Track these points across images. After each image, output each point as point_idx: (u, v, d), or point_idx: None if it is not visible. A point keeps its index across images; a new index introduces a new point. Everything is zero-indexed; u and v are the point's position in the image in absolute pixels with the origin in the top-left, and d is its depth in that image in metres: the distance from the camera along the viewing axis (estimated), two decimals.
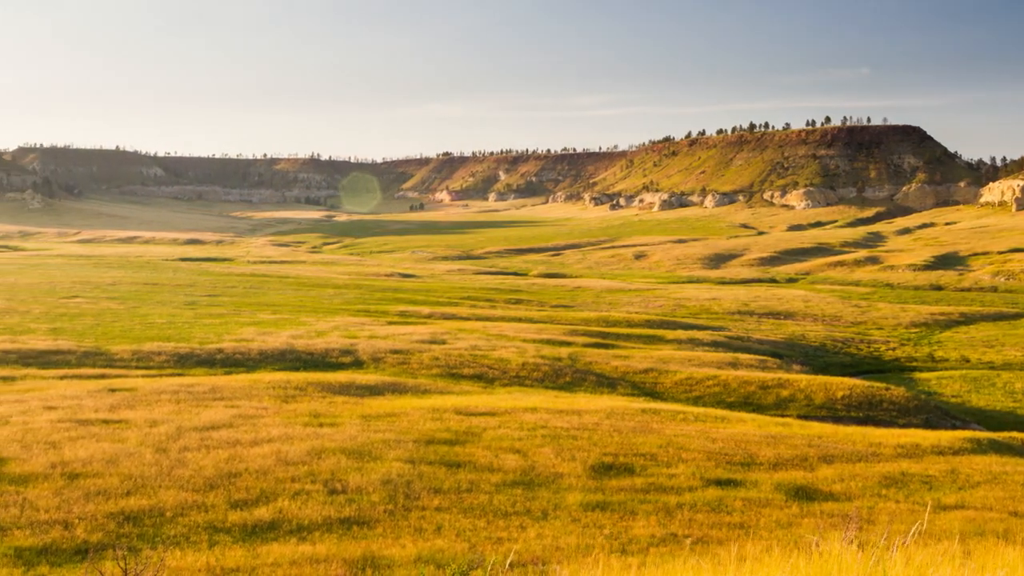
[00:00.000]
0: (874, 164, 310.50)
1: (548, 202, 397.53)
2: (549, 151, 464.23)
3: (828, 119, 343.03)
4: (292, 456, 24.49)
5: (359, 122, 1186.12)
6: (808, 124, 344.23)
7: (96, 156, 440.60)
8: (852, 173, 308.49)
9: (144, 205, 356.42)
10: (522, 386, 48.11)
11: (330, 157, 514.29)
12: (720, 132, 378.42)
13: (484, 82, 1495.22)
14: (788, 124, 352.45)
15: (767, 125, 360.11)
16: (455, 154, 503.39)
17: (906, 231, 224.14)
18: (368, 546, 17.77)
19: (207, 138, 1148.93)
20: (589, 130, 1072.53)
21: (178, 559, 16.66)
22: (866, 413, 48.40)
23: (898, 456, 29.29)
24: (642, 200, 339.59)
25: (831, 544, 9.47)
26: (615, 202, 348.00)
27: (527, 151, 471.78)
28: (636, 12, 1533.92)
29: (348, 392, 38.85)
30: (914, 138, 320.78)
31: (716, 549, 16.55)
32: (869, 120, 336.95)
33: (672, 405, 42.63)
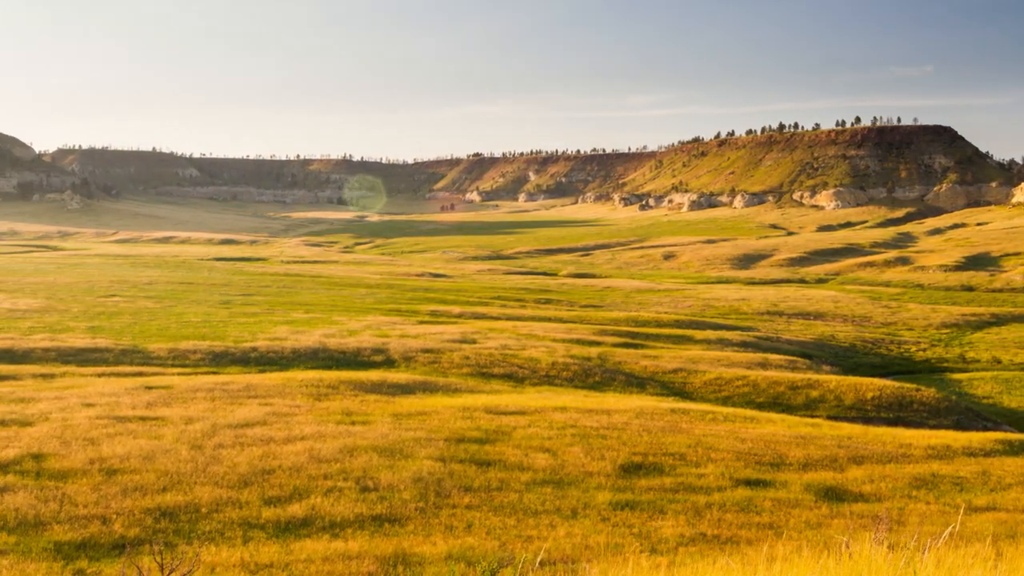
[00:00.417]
0: (904, 164, 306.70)
1: (577, 202, 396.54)
2: (579, 152, 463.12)
3: (858, 119, 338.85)
4: (325, 453, 24.76)
5: (393, 123, 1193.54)
6: (838, 124, 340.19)
7: (133, 157, 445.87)
8: (882, 173, 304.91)
9: (180, 205, 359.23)
10: (552, 385, 48.21)
11: (362, 158, 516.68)
12: (749, 132, 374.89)
13: (518, 83, 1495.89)
14: (818, 124, 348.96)
15: (796, 126, 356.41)
16: (485, 155, 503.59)
17: (937, 231, 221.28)
18: (399, 543, 17.93)
19: (241, 139, 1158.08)
20: (619, 131, 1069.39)
21: (213, 555, 16.87)
22: (896, 414, 48.02)
23: (928, 457, 29.12)
24: (671, 200, 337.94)
25: (861, 545, 9.43)
26: (644, 202, 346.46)
27: (557, 152, 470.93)
28: (669, 14, 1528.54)
29: (380, 390, 39.13)
30: (945, 138, 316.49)
31: (745, 549, 16.61)
32: (899, 120, 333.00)
33: (701, 405, 42.54)
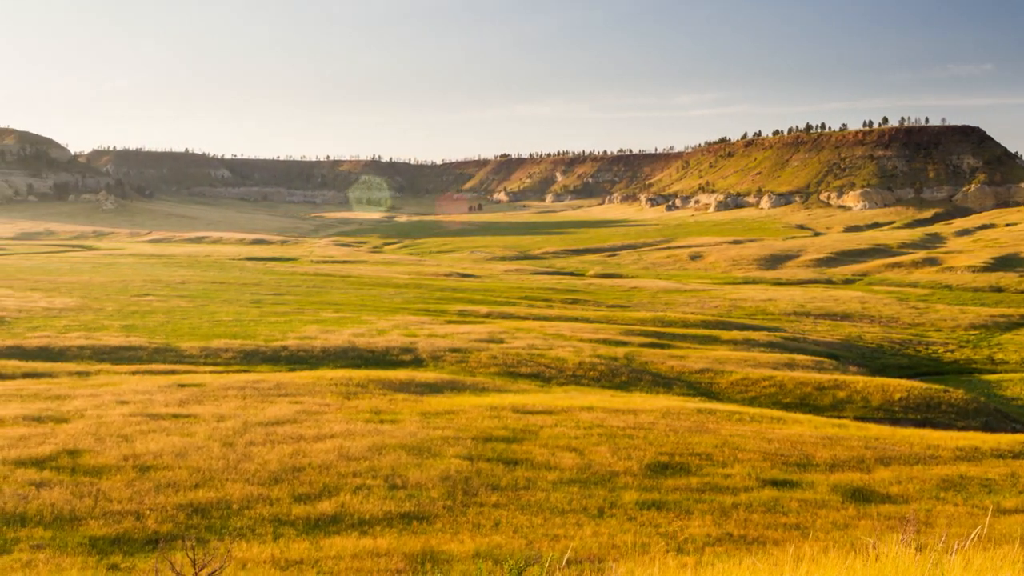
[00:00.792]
0: (932, 165, 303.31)
1: (604, 203, 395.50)
2: (605, 152, 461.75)
3: (885, 120, 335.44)
4: (354, 452, 25.00)
5: (422, 124, 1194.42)
6: (865, 125, 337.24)
7: (166, 158, 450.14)
8: (910, 174, 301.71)
9: (212, 206, 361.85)
10: (579, 385, 48.29)
11: (391, 159, 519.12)
12: (776, 133, 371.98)
13: (544, 85, 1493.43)
14: (845, 125, 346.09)
15: (823, 126, 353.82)
16: (512, 156, 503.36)
17: (965, 232, 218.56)
18: (427, 540, 18.10)
19: (272, 140, 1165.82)
20: (645, 132, 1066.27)
21: (244, 551, 17.11)
22: (924, 415, 47.68)
23: (956, 459, 28.93)
24: (698, 201, 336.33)
25: (888, 546, 9.42)
26: (671, 203, 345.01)
27: (583, 152, 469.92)
28: (699, 15, 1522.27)
29: (408, 389, 39.37)
30: (973, 138, 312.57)
31: (772, 550, 16.62)
32: (927, 120, 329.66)
33: (728, 405, 42.46)
